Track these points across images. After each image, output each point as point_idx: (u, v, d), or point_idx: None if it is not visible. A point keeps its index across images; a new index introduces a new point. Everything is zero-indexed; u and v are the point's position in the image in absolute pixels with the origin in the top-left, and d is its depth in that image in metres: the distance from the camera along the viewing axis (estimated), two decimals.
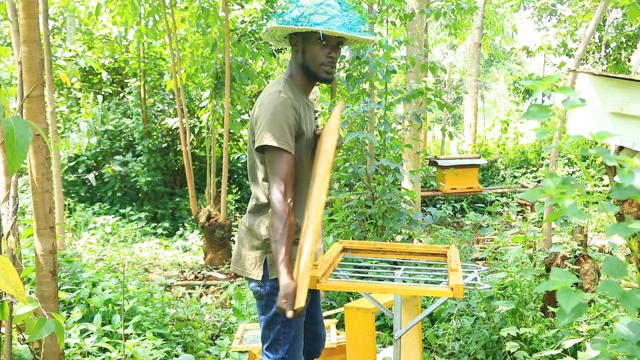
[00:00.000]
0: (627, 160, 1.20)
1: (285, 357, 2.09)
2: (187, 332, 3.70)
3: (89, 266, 4.56)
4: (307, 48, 2.04)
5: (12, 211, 2.43)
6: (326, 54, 2.03)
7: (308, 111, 2.13)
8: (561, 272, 1.24)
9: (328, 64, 2.05)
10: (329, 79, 2.09)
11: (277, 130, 1.93)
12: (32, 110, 2.35)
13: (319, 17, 1.98)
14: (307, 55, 2.05)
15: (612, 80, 2.96)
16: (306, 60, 2.06)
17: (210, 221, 6.17)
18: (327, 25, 1.97)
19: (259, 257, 2.10)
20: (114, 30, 8.72)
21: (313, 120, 2.17)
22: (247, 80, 6.54)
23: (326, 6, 2.00)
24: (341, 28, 1.99)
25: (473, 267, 2.31)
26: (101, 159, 8.77)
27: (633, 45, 10.18)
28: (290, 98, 2.01)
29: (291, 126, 1.97)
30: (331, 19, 1.98)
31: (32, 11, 2.34)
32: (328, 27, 1.97)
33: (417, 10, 5.53)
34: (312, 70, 2.06)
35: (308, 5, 2.00)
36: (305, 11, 1.99)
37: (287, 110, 1.97)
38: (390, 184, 4.31)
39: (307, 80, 2.12)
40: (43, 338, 2.03)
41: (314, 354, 2.36)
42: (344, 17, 2.02)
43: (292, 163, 1.95)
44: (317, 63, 2.04)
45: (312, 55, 2.04)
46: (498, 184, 10.70)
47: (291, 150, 1.95)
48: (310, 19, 1.98)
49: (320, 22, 1.97)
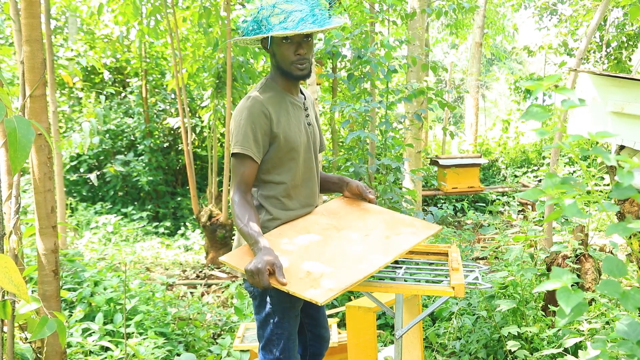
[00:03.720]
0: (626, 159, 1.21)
1: (280, 357, 2.09)
2: (189, 331, 3.71)
3: (91, 265, 4.57)
4: (275, 50, 2.03)
5: (15, 210, 2.43)
6: (294, 52, 2.00)
7: (293, 110, 2.11)
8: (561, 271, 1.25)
9: (298, 62, 2.02)
10: (303, 75, 2.06)
11: (240, 136, 1.98)
12: (34, 109, 2.36)
13: (276, 18, 1.95)
14: (277, 56, 2.03)
15: (613, 79, 2.97)
16: (278, 61, 2.04)
17: (211, 220, 6.18)
18: (284, 25, 1.94)
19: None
20: (115, 29, 8.72)
21: (302, 118, 2.15)
22: (249, 80, 6.55)
23: (282, 3, 1.96)
24: (298, 24, 1.94)
25: (474, 266, 2.31)
26: (103, 158, 8.79)
27: (634, 44, 10.16)
28: (260, 103, 2.00)
29: (256, 131, 1.98)
30: (289, 15, 1.95)
31: (34, 11, 2.35)
32: (284, 27, 1.93)
33: (418, 9, 5.53)
34: (285, 69, 2.04)
35: (265, 7, 1.97)
36: (263, 14, 1.97)
37: (253, 116, 1.98)
38: (392, 183, 4.31)
39: (287, 80, 2.10)
40: (45, 337, 2.03)
41: (317, 356, 2.36)
42: (303, 11, 1.97)
43: (251, 166, 2.00)
44: (287, 62, 2.02)
45: (281, 55, 2.01)
46: (499, 183, 10.69)
47: (253, 154, 1.98)
48: (268, 21, 1.95)
49: (277, 23, 1.94)
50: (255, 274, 1.75)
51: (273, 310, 2.06)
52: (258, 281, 1.75)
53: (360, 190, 2.29)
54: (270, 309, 2.07)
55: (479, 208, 9.10)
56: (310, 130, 2.17)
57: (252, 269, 1.76)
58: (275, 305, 2.05)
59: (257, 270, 1.75)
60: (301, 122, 2.13)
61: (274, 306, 2.06)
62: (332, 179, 2.39)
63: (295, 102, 2.13)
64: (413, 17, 5.38)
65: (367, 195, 2.29)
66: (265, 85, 2.09)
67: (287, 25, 1.94)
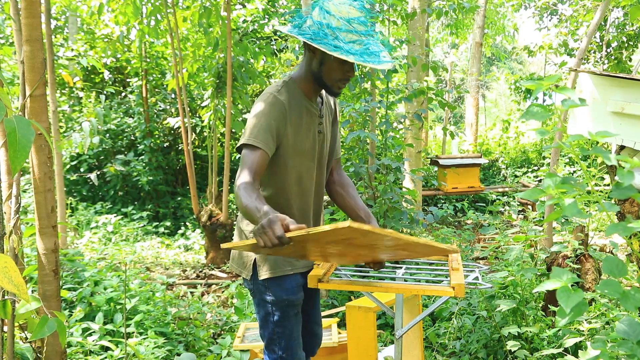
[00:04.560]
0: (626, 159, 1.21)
1: (284, 356, 2.09)
2: (189, 331, 3.71)
3: (91, 265, 4.57)
4: (326, 60, 1.91)
5: (15, 210, 2.43)
6: (345, 72, 1.92)
7: (307, 117, 2.03)
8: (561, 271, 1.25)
9: (343, 81, 1.96)
10: (339, 93, 2.01)
11: (256, 129, 1.88)
12: (34, 109, 2.35)
13: (347, 36, 1.82)
14: (324, 67, 1.93)
15: (613, 79, 2.97)
16: (322, 71, 1.94)
17: (211, 220, 6.18)
18: (354, 47, 1.82)
19: (248, 256, 2.11)
20: (116, 29, 8.71)
21: (314, 126, 2.06)
22: (249, 80, 6.54)
23: (357, 23, 1.84)
24: (370, 56, 1.83)
25: (474, 266, 2.31)
26: (103, 158, 8.79)
27: (634, 44, 10.16)
28: (281, 102, 1.94)
29: (272, 127, 1.90)
30: (363, 42, 1.83)
31: (35, 10, 2.35)
32: (356, 51, 1.81)
33: (418, 9, 5.53)
34: (326, 82, 1.96)
35: (339, 18, 1.82)
36: (334, 22, 1.82)
37: (272, 113, 1.91)
38: (392, 183, 4.31)
39: (315, 87, 2.02)
40: (45, 337, 2.03)
41: (308, 353, 2.36)
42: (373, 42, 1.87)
43: (263, 158, 1.86)
44: (333, 78, 1.94)
45: (330, 69, 1.92)
46: (499, 183, 10.69)
47: (267, 148, 1.87)
48: (338, 36, 1.81)
49: (347, 42, 1.82)
50: (267, 226, 1.52)
51: (272, 309, 2.06)
52: (271, 233, 1.51)
53: None
54: (269, 308, 2.07)
55: (479, 208, 9.10)
56: (319, 138, 2.09)
57: (264, 223, 1.53)
58: (274, 304, 2.05)
59: (269, 222, 1.52)
60: (310, 130, 2.05)
61: (272, 304, 2.06)
62: (360, 210, 2.23)
63: (312, 108, 2.05)
64: (413, 17, 5.38)
65: None
66: (287, 85, 2.01)
67: (355, 48, 1.82)
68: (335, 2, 1.85)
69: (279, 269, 2.06)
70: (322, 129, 2.11)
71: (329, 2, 1.85)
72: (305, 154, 2.04)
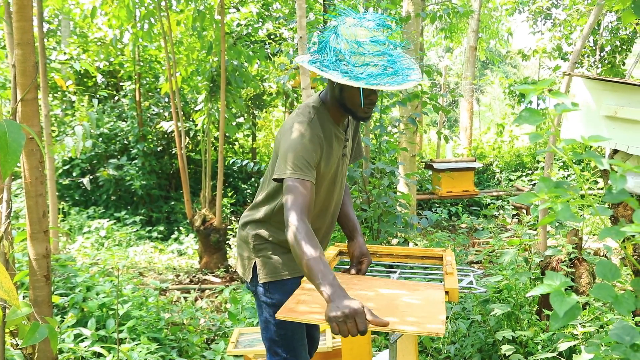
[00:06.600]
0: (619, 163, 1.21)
1: (287, 357, 2.08)
2: (182, 337, 3.69)
3: (83, 270, 4.53)
4: (344, 87, 1.83)
5: (6, 215, 2.41)
6: (365, 96, 1.84)
7: (336, 144, 1.98)
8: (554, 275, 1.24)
9: (368, 106, 1.88)
10: (367, 117, 1.93)
11: (302, 161, 1.80)
12: (26, 113, 2.34)
13: (359, 58, 1.74)
14: (345, 93, 1.86)
15: (607, 83, 2.98)
16: (344, 98, 1.87)
17: (205, 225, 6.16)
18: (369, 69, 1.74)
19: (248, 260, 2.13)
20: (109, 33, 8.69)
21: (339, 150, 2.01)
22: (243, 84, 6.54)
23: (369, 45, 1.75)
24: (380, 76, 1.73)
25: (469, 271, 2.31)
26: (96, 162, 8.75)
27: (627, 49, 10.22)
28: (319, 137, 1.88)
29: (313, 159, 1.84)
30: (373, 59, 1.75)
31: (26, 14, 2.33)
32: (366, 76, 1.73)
33: (412, 13, 5.54)
34: (350, 108, 1.90)
35: (347, 41, 1.75)
36: (342, 46, 1.75)
37: (313, 144, 1.84)
38: (386, 187, 4.31)
39: (341, 113, 1.96)
40: (36, 343, 2.01)
41: None
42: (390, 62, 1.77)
43: (312, 191, 1.79)
44: (356, 104, 1.87)
45: (350, 95, 1.85)
46: (493, 187, 10.72)
47: (314, 179, 1.82)
48: (349, 60, 1.74)
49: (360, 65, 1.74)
50: (351, 316, 1.44)
51: (273, 312, 2.05)
52: (354, 326, 1.45)
53: (355, 255, 2.13)
54: (270, 310, 2.07)
55: (473, 212, 9.12)
56: (341, 162, 2.06)
57: (347, 312, 1.45)
58: (275, 307, 2.04)
59: (354, 313, 1.45)
60: (337, 155, 2.01)
61: (273, 307, 2.05)
62: (350, 220, 2.23)
63: (339, 134, 2.01)
64: (407, 21, 5.39)
65: (358, 265, 2.11)
66: (318, 112, 1.94)
67: (369, 71, 1.74)
68: (348, 25, 1.78)
69: (279, 273, 2.07)
70: (346, 152, 2.08)
71: (341, 26, 1.79)
72: (329, 177, 2.02)
